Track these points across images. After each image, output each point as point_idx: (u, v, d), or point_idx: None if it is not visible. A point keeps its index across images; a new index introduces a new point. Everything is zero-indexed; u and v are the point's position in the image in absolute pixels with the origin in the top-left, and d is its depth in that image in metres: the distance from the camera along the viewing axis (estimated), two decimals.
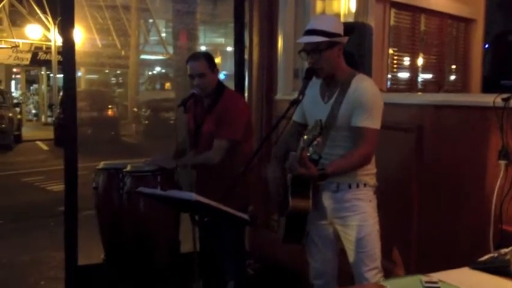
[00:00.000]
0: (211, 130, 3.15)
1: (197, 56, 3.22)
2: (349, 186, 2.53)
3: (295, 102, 2.48)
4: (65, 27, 3.83)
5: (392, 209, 3.06)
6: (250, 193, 3.26)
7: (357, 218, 2.52)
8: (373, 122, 2.44)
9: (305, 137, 2.25)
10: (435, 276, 1.72)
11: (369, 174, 2.57)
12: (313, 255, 2.72)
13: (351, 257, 2.57)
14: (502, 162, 2.51)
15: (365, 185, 2.55)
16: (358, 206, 2.53)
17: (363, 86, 2.48)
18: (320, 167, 2.37)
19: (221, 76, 3.36)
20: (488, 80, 2.82)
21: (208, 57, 3.20)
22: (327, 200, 2.58)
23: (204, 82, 3.12)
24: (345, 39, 2.53)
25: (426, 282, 1.67)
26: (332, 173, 2.39)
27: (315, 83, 2.59)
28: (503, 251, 1.87)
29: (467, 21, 7.26)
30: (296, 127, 2.71)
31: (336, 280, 2.74)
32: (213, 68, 3.17)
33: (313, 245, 2.70)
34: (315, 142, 2.21)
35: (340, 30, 2.51)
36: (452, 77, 7.48)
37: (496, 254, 1.88)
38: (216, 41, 25.98)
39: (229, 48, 19.81)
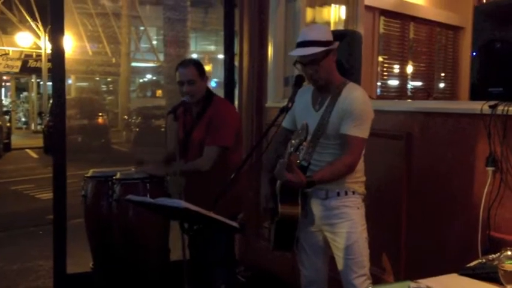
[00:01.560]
0: (201, 137, 3.13)
1: (187, 63, 3.22)
2: (338, 194, 2.53)
3: (284, 110, 2.49)
4: (55, 34, 3.82)
5: (382, 215, 3.06)
6: (240, 200, 3.26)
7: (345, 225, 2.52)
8: (361, 131, 2.45)
9: (292, 141, 2.27)
10: (424, 282, 1.72)
11: (357, 182, 2.58)
12: (304, 262, 2.72)
13: (340, 264, 2.57)
14: (490, 169, 2.53)
15: (353, 192, 2.56)
16: (346, 213, 2.53)
17: (353, 95, 2.48)
18: (308, 174, 2.37)
19: (212, 84, 3.37)
20: (475, 87, 2.83)
21: (197, 64, 3.20)
22: (315, 207, 2.59)
23: (193, 89, 3.12)
24: (337, 45, 2.55)
25: None
26: (318, 181, 2.38)
27: (307, 91, 2.60)
28: (491, 256, 1.89)
29: (455, 29, 7.32)
30: (286, 134, 2.71)
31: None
32: (203, 76, 3.17)
33: (304, 253, 2.70)
34: (302, 146, 2.22)
35: (331, 37, 2.53)
36: (442, 85, 7.52)
37: (484, 260, 1.90)
38: (207, 49, 26.02)
39: (220, 56, 19.83)
